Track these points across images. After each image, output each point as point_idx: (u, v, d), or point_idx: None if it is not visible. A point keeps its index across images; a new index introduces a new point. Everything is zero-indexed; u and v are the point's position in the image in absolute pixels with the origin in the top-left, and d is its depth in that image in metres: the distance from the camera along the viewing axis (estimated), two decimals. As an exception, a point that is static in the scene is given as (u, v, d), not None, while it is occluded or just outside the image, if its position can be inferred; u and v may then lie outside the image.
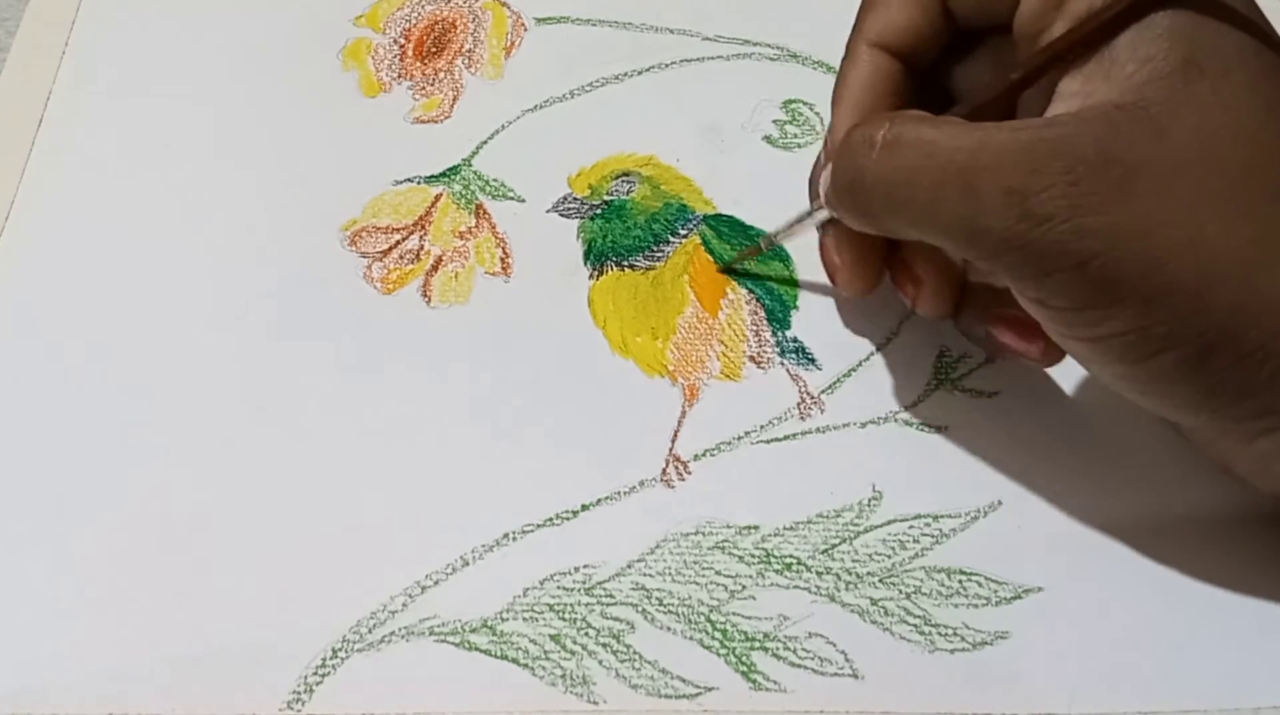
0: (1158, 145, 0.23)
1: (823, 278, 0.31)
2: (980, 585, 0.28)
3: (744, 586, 0.28)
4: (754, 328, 0.33)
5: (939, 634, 0.28)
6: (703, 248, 0.34)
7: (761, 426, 0.31)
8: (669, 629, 0.28)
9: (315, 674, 0.27)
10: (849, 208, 0.27)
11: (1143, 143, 0.23)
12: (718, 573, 0.28)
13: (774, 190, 0.35)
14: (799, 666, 0.27)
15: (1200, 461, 0.29)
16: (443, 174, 0.36)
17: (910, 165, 0.25)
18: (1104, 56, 0.24)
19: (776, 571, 0.28)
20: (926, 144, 0.24)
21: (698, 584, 0.28)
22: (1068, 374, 0.31)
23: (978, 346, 0.32)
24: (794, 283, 0.33)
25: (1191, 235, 0.23)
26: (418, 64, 0.39)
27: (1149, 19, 0.23)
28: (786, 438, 0.31)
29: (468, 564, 0.29)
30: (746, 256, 0.33)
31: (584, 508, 0.29)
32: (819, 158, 0.30)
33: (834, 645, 0.27)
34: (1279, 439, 0.25)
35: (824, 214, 0.29)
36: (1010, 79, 0.26)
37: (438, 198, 0.35)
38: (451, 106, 0.38)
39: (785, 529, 0.29)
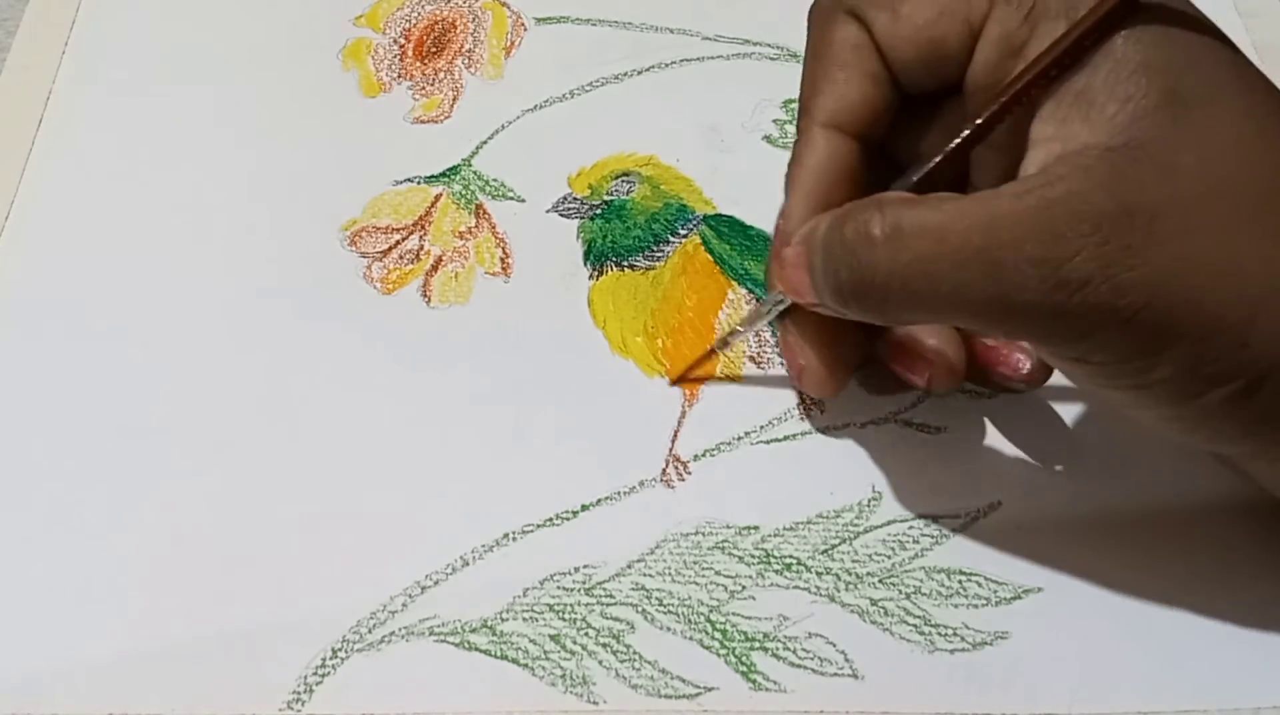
0: (1170, 184, 0.22)
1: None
2: (980, 585, 0.28)
3: (744, 587, 0.28)
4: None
5: (939, 634, 0.28)
6: (703, 248, 0.34)
7: (761, 427, 0.31)
8: (669, 629, 0.28)
9: (315, 674, 0.27)
10: (857, 304, 0.25)
11: (1154, 184, 0.22)
12: (718, 573, 0.28)
13: (774, 190, 0.34)
14: (799, 666, 0.27)
15: (1201, 462, 0.29)
16: (443, 174, 0.36)
17: (924, 255, 0.23)
18: (1079, 98, 0.23)
19: (776, 572, 0.28)
20: (934, 229, 0.23)
21: (698, 584, 0.28)
22: (1068, 374, 0.31)
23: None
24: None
25: (1225, 268, 0.22)
26: (418, 64, 0.39)
27: (1118, 55, 0.23)
28: (786, 438, 0.31)
29: (468, 564, 0.29)
30: (698, 364, 0.32)
31: (584, 508, 0.29)
32: (775, 232, 0.28)
33: (834, 645, 0.27)
34: None
35: (784, 303, 0.28)
36: (974, 124, 0.25)
37: (438, 198, 0.35)
38: (451, 106, 0.38)
39: (785, 529, 0.29)
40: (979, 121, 0.25)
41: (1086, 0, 0.23)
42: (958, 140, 0.25)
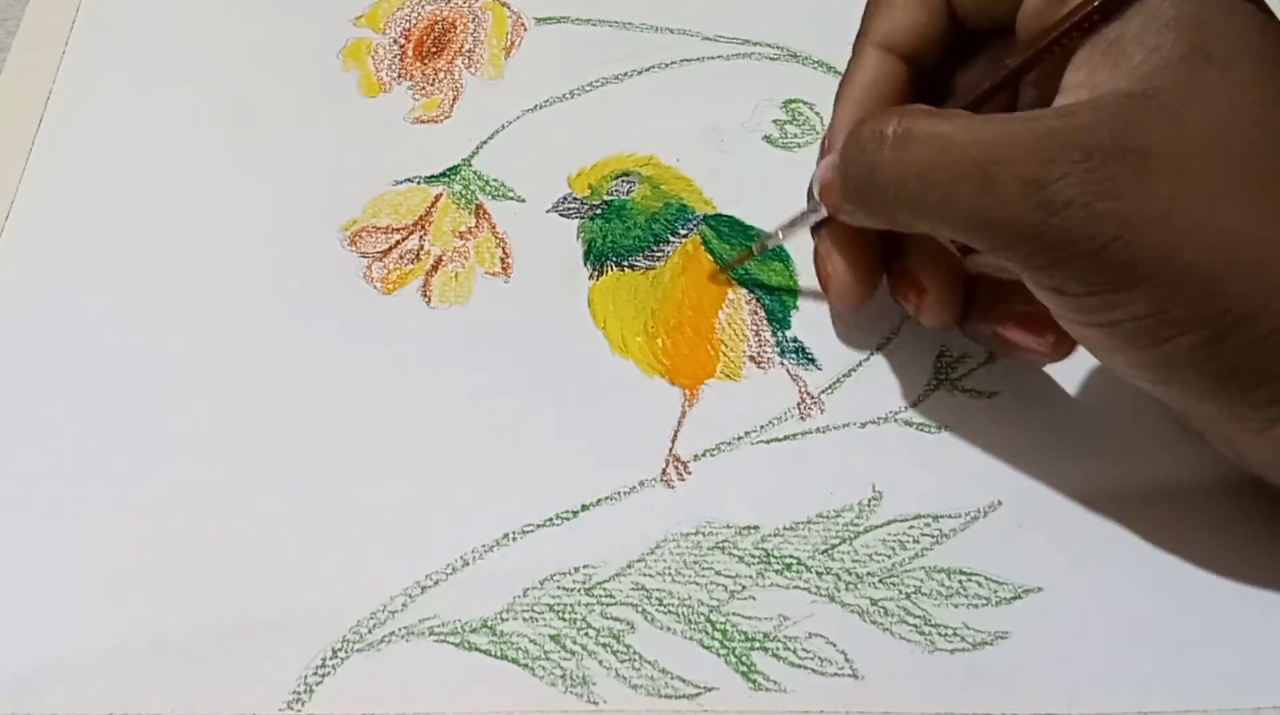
0: (1172, 130, 0.23)
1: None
2: (980, 585, 0.28)
3: (744, 586, 0.28)
4: (754, 328, 0.33)
5: (939, 634, 0.28)
6: (703, 248, 0.34)
7: (761, 426, 0.31)
8: (669, 629, 0.28)
9: (315, 674, 0.27)
10: (860, 203, 0.27)
11: (1157, 128, 0.23)
12: (718, 573, 0.28)
13: (774, 190, 0.35)
14: (799, 666, 0.27)
15: (1201, 462, 0.29)
16: (443, 174, 0.36)
17: (924, 159, 0.25)
18: (1110, 47, 0.24)
19: (776, 572, 0.28)
20: (940, 138, 0.24)
21: (698, 584, 0.28)
22: (1068, 374, 0.31)
23: (986, 347, 0.31)
24: (794, 283, 0.33)
25: (1207, 218, 0.23)
26: (418, 64, 0.39)
27: (1152, 9, 0.24)
28: (786, 438, 0.31)
29: (468, 564, 0.29)
30: (743, 259, 0.33)
31: (584, 508, 0.29)
32: (822, 148, 0.30)
33: (834, 645, 0.27)
34: None
35: (819, 214, 0.29)
36: (1008, 66, 0.26)
37: (438, 198, 0.35)
38: (451, 106, 0.38)
39: (785, 529, 0.29)
40: (1010, 63, 0.26)
41: None
42: (988, 85, 0.27)
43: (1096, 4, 0.24)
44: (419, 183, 0.36)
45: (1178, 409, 0.27)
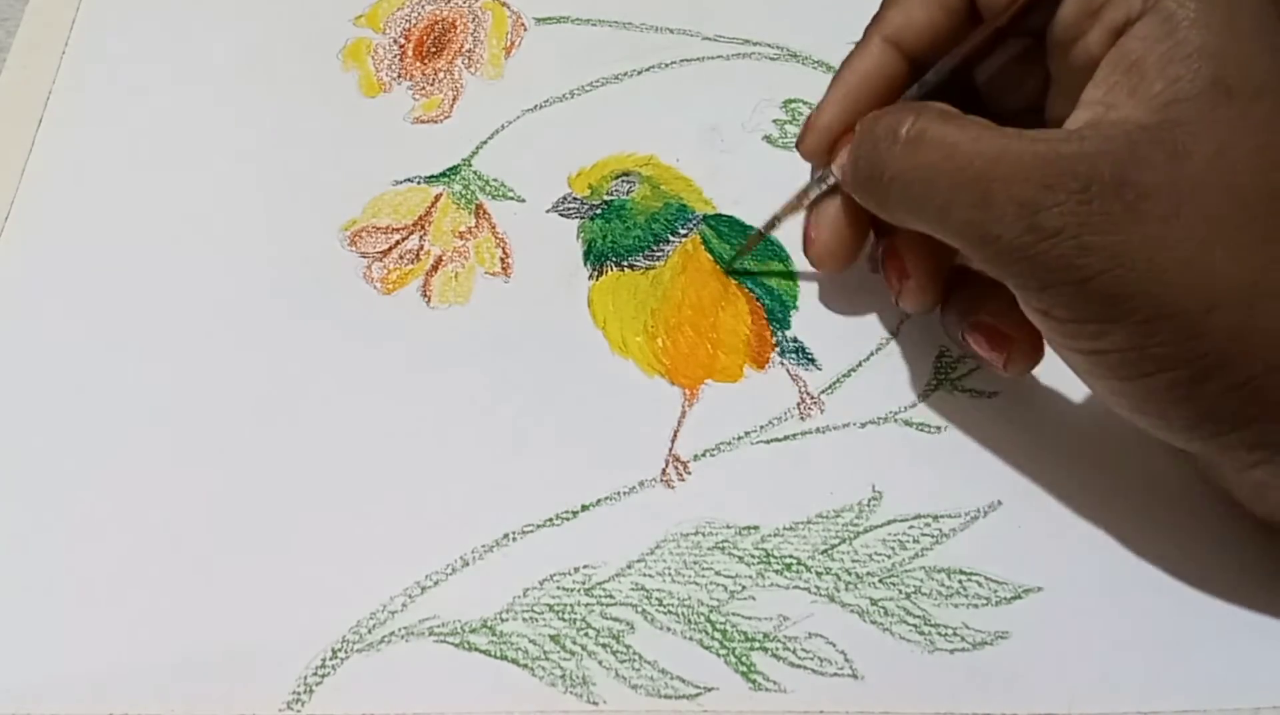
0: (1175, 170, 0.23)
1: (823, 277, 0.31)
2: (980, 585, 0.28)
3: (744, 587, 0.28)
4: (754, 328, 0.33)
5: (939, 634, 0.28)
6: (703, 247, 0.34)
7: (761, 426, 0.31)
8: (669, 629, 0.28)
9: (315, 674, 0.27)
10: (865, 195, 0.28)
11: (1160, 165, 0.23)
12: (718, 573, 0.28)
13: (774, 190, 0.34)
14: (799, 666, 0.27)
15: (1200, 461, 0.29)
16: (443, 174, 0.36)
17: (929, 164, 0.25)
18: (1131, 69, 0.24)
19: (776, 572, 0.28)
20: (948, 145, 0.25)
21: (698, 584, 0.28)
22: (1068, 375, 0.31)
23: (955, 345, 0.31)
24: (794, 283, 0.33)
25: (1195, 261, 0.23)
26: (418, 64, 0.39)
27: (1179, 36, 0.23)
28: (786, 438, 0.31)
29: (468, 564, 0.29)
30: (751, 246, 0.33)
31: (584, 508, 0.29)
32: (807, 121, 0.30)
33: (834, 645, 0.27)
34: (1273, 470, 0.25)
35: (825, 184, 0.30)
36: (956, 53, 0.27)
37: (438, 198, 0.35)
38: (451, 106, 0.38)
39: (785, 529, 0.29)
40: (961, 52, 0.27)
41: None
42: (950, 56, 0.27)
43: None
44: (419, 183, 0.36)
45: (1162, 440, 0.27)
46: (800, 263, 0.33)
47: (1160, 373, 0.24)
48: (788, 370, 0.32)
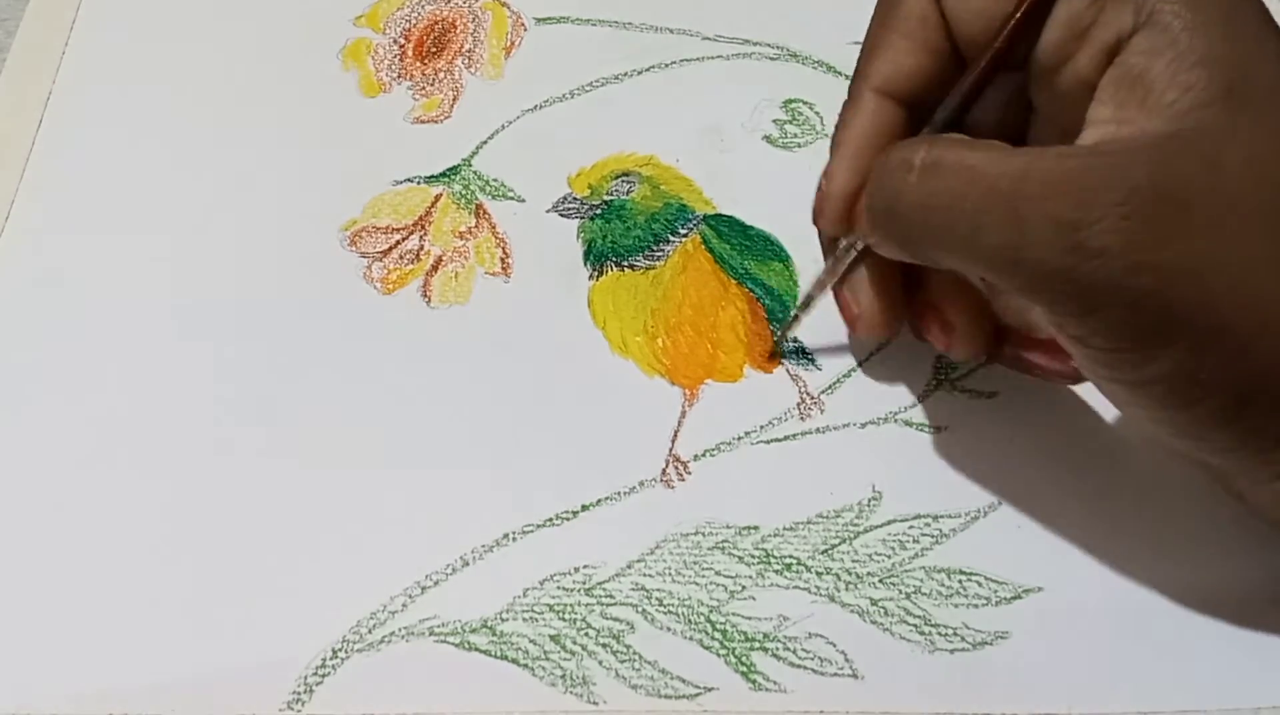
0: (1211, 179, 0.22)
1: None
2: (980, 585, 0.28)
3: (744, 587, 0.28)
4: (754, 328, 0.33)
5: (939, 634, 0.28)
6: (703, 247, 0.34)
7: (761, 427, 0.31)
8: (669, 629, 0.28)
9: (315, 674, 0.27)
10: (886, 234, 0.26)
11: (1196, 175, 0.22)
12: (718, 573, 0.28)
13: (774, 190, 0.35)
14: (799, 666, 0.27)
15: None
16: (443, 174, 0.36)
17: (951, 190, 0.23)
18: (1136, 83, 0.23)
19: (776, 572, 0.28)
20: (968, 169, 0.23)
21: (698, 584, 0.28)
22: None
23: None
24: (794, 283, 0.33)
25: (1244, 276, 0.22)
26: (418, 64, 0.39)
27: (1183, 45, 0.22)
28: (786, 438, 0.31)
29: (468, 564, 0.29)
30: (790, 330, 0.32)
31: (584, 508, 0.29)
32: (819, 190, 0.28)
33: (834, 645, 0.27)
34: None
35: (851, 253, 0.28)
36: (965, 80, 0.25)
37: (438, 198, 0.35)
38: (451, 106, 0.38)
39: (785, 529, 0.29)
40: (970, 78, 0.25)
41: None
42: (953, 96, 0.26)
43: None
44: (419, 183, 0.36)
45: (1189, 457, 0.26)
46: (801, 263, 0.34)
47: (1208, 399, 0.23)
48: (788, 370, 0.32)
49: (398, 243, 0.34)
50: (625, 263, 0.34)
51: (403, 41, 0.39)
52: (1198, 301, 0.22)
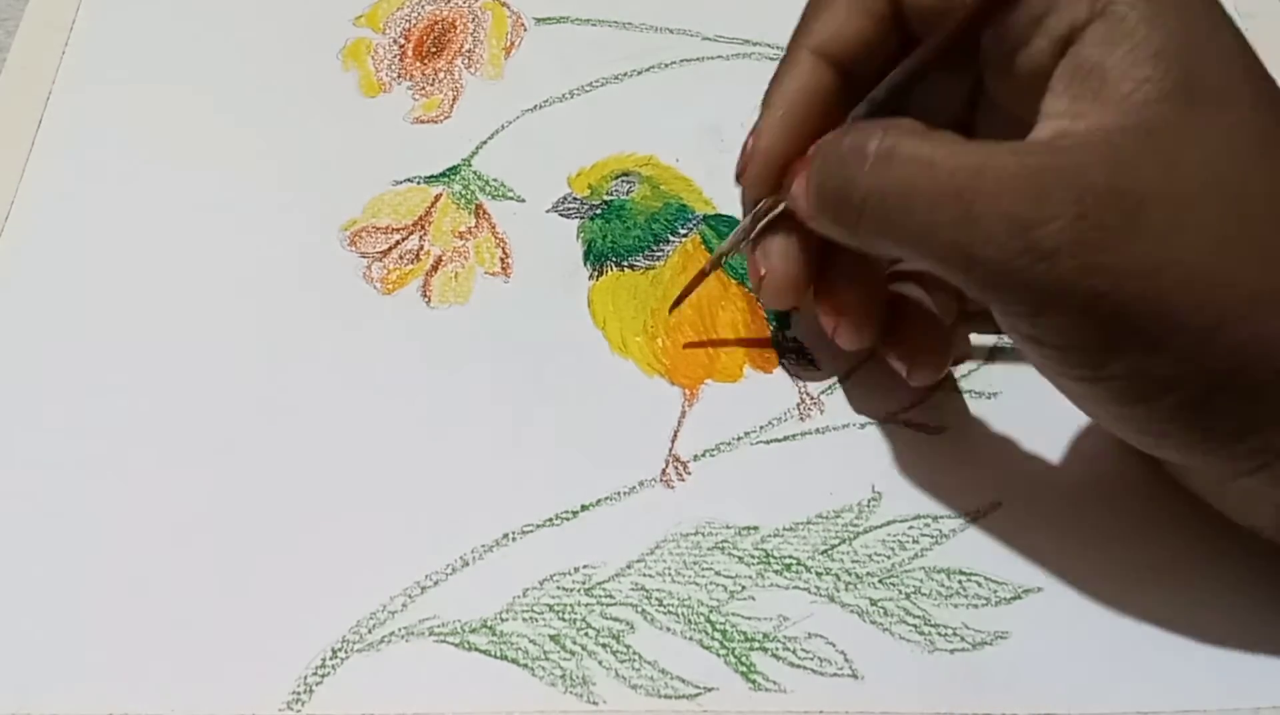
0: (1166, 175, 0.22)
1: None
2: (980, 585, 0.28)
3: (744, 587, 0.28)
4: (754, 328, 0.33)
5: (939, 634, 0.28)
6: (703, 247, 0.34)
7: (761, 427, 0.31)
8: (669, 629, 0.28)
9: (315, 674, 0.27)
10: (835, 219, 0.25)
11: (1151, 173, 0.22)
12: (717, 573, 0.28)
13: (774, 190, 0.35)
14: (799, 667, 0.27)
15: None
16: (443, 174, 0.36)
17: (905, 182, 0.23)
18: (1090, 75, 0.23)
19: (776, 572, 0.28)
20: (924, 161, 0.23)
21: (697, 584, 0.28)
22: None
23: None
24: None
25: (1202, 271, 0.22)
26: (417, 64, 0.39)
27: (1137, 37, 0.22)
28: (786, 438, 0.31)
29: (468, 564, 0.29)
30: (694, 287, 0.32)
31: (584, 508, 0.29)
32: (745, 148, 0.29)
33: (834, 645, 0.27)
34: (1264, 477, 0.24)
35: (772, 214, 0.28)
36: (906, 64, 0.25)
37: (437, 198, 0.35)
38: (451, 106, 0.38)
39: (785, 529, 0.29)
40: (916, 61, 0.25)
41: None
42: (899, 70, 0.25)
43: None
44: (419, 183, 0.36)
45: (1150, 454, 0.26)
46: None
47: (1165, 395, 0.23)
48: (788, 370, 0.32)
49: (398, 243, 0.34)
50: (625, 263, 0.34)
51: (403, 41, 0.39)
52: (1152, 301, 0.22)
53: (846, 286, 0.29)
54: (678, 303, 0.32)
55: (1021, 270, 0.22)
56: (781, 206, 0.28)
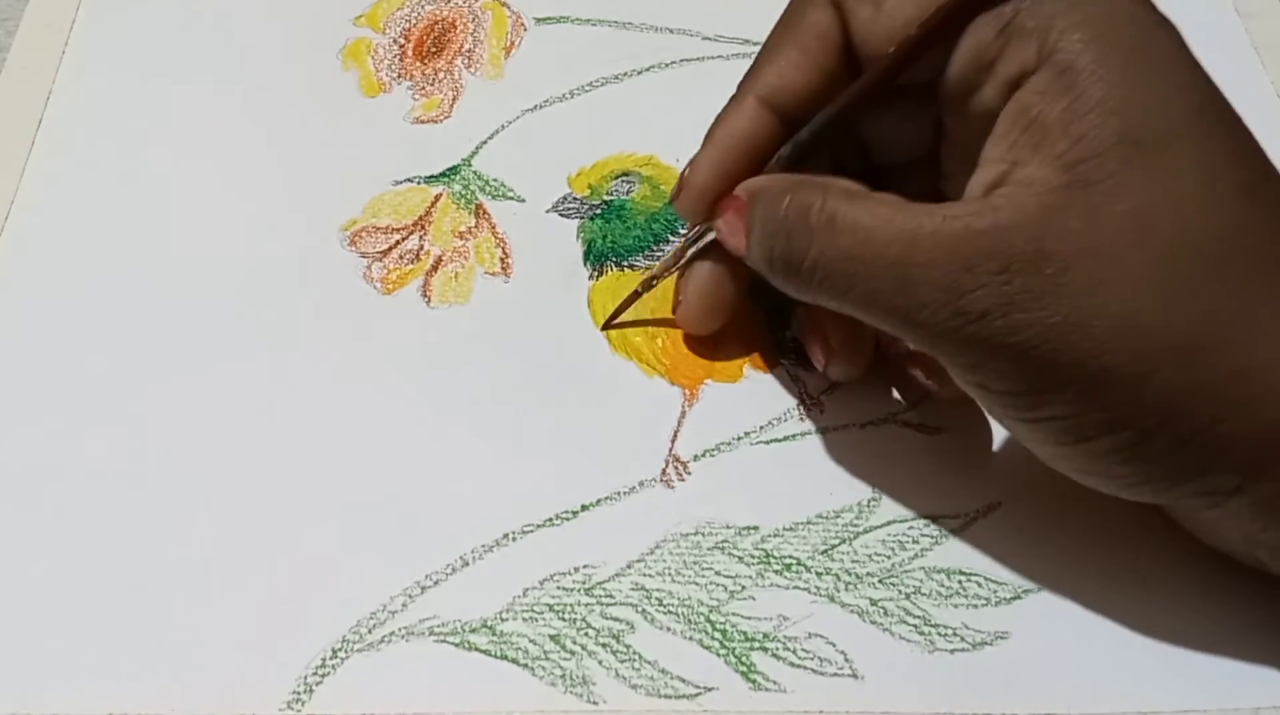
0: (1093, 233, 0.22)
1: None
2: (980, 585, 0.28)
3: (744, 587, 0.28)
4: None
5: (939, 634, 0.28)
6: (703, 248, 0.34)
7: (761, 427, 0.31)
8: (669, 629, 0.28)
9: (315, 674, 0.27)
10: (782, 281, 0.27)
11: (1078, 232, 0.23)
12: (717, 573, 0.28)
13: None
14: (799, 667, 0.27)
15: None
16: (443, 174, 0.36)
17: (846, 252, 0.25)
18: (1031, 127, 0.23)
19: (776, 572, 0.29)
20: (862, 230, 0.24)
21: (697, 584, 0.28)
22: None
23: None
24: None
25: (1129, 322, 0.22)
26: (418, 64, 0.39)
27: (1080, 89, 0.23)
28: (786, 438, 0.31)
29: (468, 564, 0.29)
30: (628, 305, 0.32)
31: (584, 508, 0.29)
32: (681, 177, 0.30)
33: (834, 645, 0.27)
34: (1226, 510, 0.25)
35: (701, 243, 0.30)
36: (845, 95, 0.26)
37: (437, 198, 0.35)
38: (451, 106, 0.38)
39: (785, 530, 0.29)
40: (848, 96, 0.26)
41: (1061, 23, 0.23)
42: (821, 116, 0.27)
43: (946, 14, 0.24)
44: (419, 183, 0.36)
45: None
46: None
47: (1103, 436, 0.24)
48: (788, 370, 0.32)
49: (398, 243, 0.34)
50: (625, 263, 0.34)
51: (403, 41, 0.39)
52: (1083, 350, 0.23)
53: (834, 327, 0.29)
54: (609, 322, 0.32)
55: (956, 330, 0.23)
56: (710, 236, 0.29)
